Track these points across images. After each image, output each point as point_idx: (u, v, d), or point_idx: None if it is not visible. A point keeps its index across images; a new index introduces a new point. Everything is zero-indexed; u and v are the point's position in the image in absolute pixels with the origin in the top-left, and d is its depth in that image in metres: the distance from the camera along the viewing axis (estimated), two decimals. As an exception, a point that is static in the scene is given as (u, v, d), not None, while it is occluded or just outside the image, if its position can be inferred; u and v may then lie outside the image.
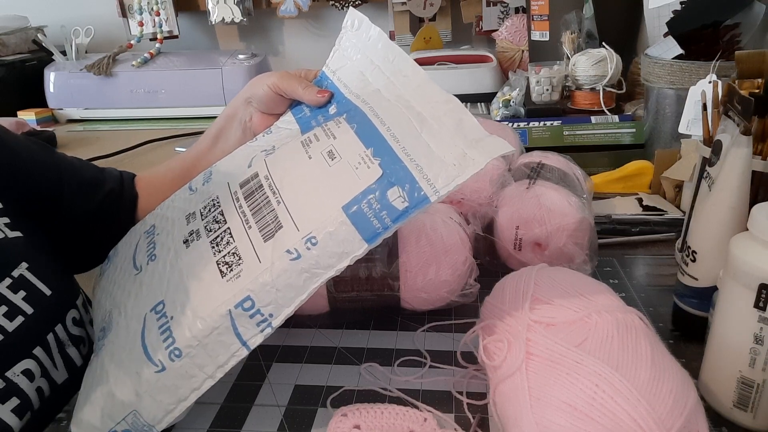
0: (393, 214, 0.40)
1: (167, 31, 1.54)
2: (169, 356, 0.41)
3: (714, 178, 0.47)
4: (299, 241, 0.41)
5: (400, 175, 0.41)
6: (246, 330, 0.41)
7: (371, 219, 0.41)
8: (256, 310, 0.41)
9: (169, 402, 0.42)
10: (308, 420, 0.46)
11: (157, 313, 0.44)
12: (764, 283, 0.38)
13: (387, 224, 0.40)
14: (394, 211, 0.40)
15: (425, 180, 0.40)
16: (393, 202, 0.40)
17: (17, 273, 0.50)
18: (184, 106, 1.45)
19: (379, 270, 0.55)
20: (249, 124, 0.63)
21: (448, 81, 1.27)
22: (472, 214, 0.64)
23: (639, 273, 0.64)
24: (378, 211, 0.41)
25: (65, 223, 0.60)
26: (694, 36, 0.83)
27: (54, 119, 1.50)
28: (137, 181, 0.68)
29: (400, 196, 0.40)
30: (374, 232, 0.41)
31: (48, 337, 0.50)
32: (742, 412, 0.42)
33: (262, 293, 0.41)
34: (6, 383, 0.46)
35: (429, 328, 0.56)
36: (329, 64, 0.60)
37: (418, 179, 0.41)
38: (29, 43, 1.52)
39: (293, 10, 1.51)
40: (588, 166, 0.78)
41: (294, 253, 0.41)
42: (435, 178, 0.40)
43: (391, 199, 0.41)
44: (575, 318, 0.39)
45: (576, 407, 0.34)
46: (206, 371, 0.41)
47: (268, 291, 0.41)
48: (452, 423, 0.44)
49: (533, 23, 1.19)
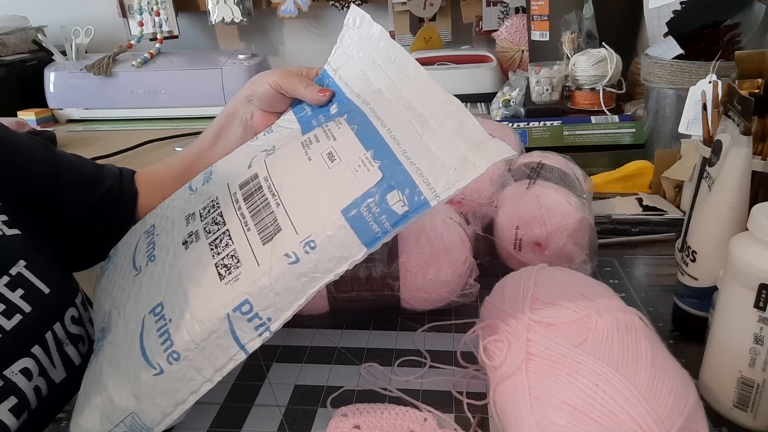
0: (392, 219, 0.40)
1: (167, 31, 1.54)
2: (168, 359, 0.41)
3: (714, 178, 0.47)
4: (298, 244, 0.41)
5: (400, 178, 0.41)
6: (244, 334, 0.41)
7: (371, 223, 0.40)
8: (254, 314, 0.41)
9: (168, 405, 0.41)
10: (308, 420, 0.46)
11: (155, 315, 0.44)
12: (764, 283, 0.38)
13: (386, 228, 0.40)
14: (393, 215, 0.40)
15: (425, 184, 0.40)
16: (393, 206, 0.40)
17: (15, 271, 0.50)
18: (184, 106, 1.45)
19: (379, 270, 0.55)
20: (250, 122, 0.63)
21: (448, 81, 1.27)
22: (472, 214, 0.64)
23: (639, 273, 0.64)
24: (377, 215, 0.40)
25: (64, 221, 0.60)
26: (694, 36, 0.83)
27: (54, 119, 1.50)
28: (137, 177, 0.68)
29: (400, 200, 0.40)
30: (373, 237, 0.40)
31: (46, 336, 0.50)
32: (742, 412, 0.42)
33: (261, 297, 0.41)
34: (4, 382, 0.46)
35: (429, 328, 0.56)
36: (331, 62, 0.59)
37: (418, 183, 0.40)
38: (29, 43, 1.52)
39: (293, 10, 1.51)
40: (588, 166, 0.78)
41: (293, 257, 0.41)
42: (435, 182, 0.40)
43: (390, 203, 0.40)
44: (575, 318, 0.39)
45: (576, 407, 0.34)
46: (204, 375, 0.41)
47: (267, 295, 0.41)
48: (452, 423, 0.44)
49: (533, 23, 1.19)
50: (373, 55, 0.54)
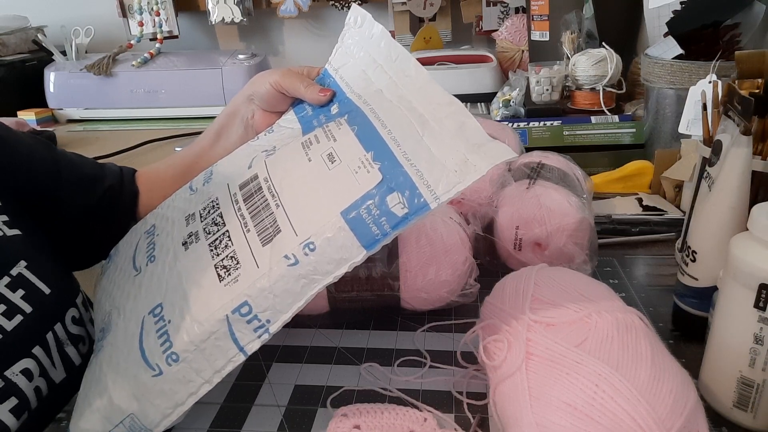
0: (392, 221, 0.40)
1: (167, 31, 1.54)
2: (167, 360, 0.41)
3: (714, 178, 0.47)
4: (297, 246, 0.41)
5: (400, 180, 0.41)
6: (243, 335, 0.41)
7: (370, 225, 0.40)
8: (253, 316, 0.41)
9: (167, 406, 0.41)
10: (308, 420, 0.46)
11: (155, 316, 0.44)
12: (764, 283, 0.38)
13: (386, 231, 0.40)
14: (393, 217, 0.40)
15: (425, 186, 0.40)
16: (392, 209, 0.40)
17: (16, 271, 0.50)
18: (184, 106, 1.45)
19: (379, 270, 0.55)
20: (251, 121, 0.63)
21: (448, 81, 1.27)
22: (472, 214, 0.64)
23: (639, 273, 0.64)
24: (377, 217, 0.40)
25: (64, 220, 0.60)
26: (694, 36, 0.83)
27: (54, 119, 1.50)
28: (138, 176, 0.68)
29: (400, 202, 0.40)
30: (373, 239, 0.40)
31: (47, 336, 0.50)
32: (742, 412, 0.42)
33: (260, 299, 0.41)
34: (5, 383, 0.46)
35: (429, 328, 0.56)
36: (332, 61, 0.59)
37: (418, 185, 0.40)
38: (29, 43, 1.52)
39: (293, 10, 1.51)
40: (588, 166, 0.78)
41: (292, 258, 0.41)
42: (435, 184, 0.40)
43: (390, 205, 0.40)
44: (575, 318, 0.39)
45: (576, 407, 0.34)
46: (203, 376, 0.41)
47: (266, 296, 0.41)
48: (452, 423, 0.44)
49: (533, 23, 1.19)
50: (374, 55, 0.54)
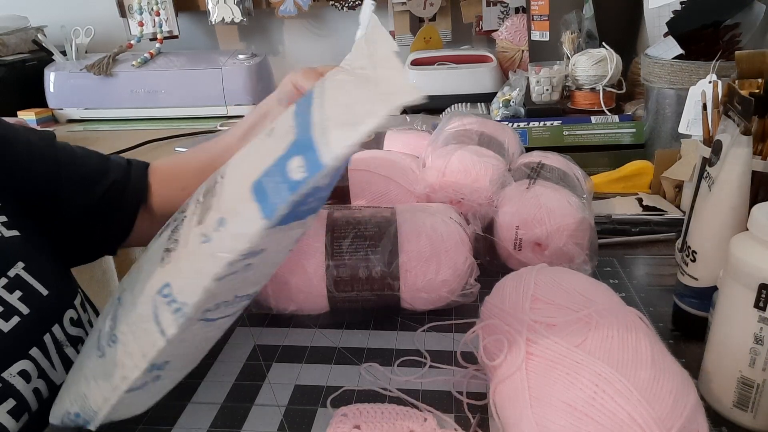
0: (292, 185, 0.37)
1: (167, 31, 1.54)
2: (108, 342, 0.41)
3: (714, 178, 0.47)
4: (213, 223, 0.39)
5: (305, 142, 0.37)
6: (164, 318, 0.39)
7: (271, 194, 0.38)
8: (172, 298, 0.39)
9: (106, 388, 0.41)
10: (308, 420, 0.46)
11: (118, 301, 0.44)
12: (764, 283, 0.38)
13: (284, 197, 0.37)
14: (292, 183, 0.37)
15: (325, 144, 0.36)
16: (291, 173, 0.37)
17: (13, 273, 0.50)
18: (184, 106, 1.45)
19: (379, 270, 0.55)
20: None
21: (448, 81, 1.27)
22: (472, 214, 0.64)
23: (639, 273, 0.64)
24: (278, 183, 0.37)
25: (64, 219, 0.60)
26: (694, 36, 0.83)
27: (54, 119, 1.50)
28: (152, 170, 0.66)
29: (301, 165, 0.37)
30: (272, 207, 0.37)
31: (45, 338, 0.50)
32: (742, 412, 0.42)
33: (178, 279, 0.39)
34: (2, 384, 0.46)
35: (429, 328, 0.56)
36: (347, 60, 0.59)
37: (318, 144, 0.36)
38: (29, 43, 1.52)
39: (293, 9, 1.51)
40: (588, 166, 0.78)
41: (206, 236, 0.39)
42: (335, 142, 0.36)
43: (290, 169, 0.37)
44: (575, 318, 0.39)
45: (576, 407, 0.34)
46: (134, 360, 0.40)
47: (183, 276, 0.39)
48: (452, 423, 0.44)
49: (533, 23, 1.19)
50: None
